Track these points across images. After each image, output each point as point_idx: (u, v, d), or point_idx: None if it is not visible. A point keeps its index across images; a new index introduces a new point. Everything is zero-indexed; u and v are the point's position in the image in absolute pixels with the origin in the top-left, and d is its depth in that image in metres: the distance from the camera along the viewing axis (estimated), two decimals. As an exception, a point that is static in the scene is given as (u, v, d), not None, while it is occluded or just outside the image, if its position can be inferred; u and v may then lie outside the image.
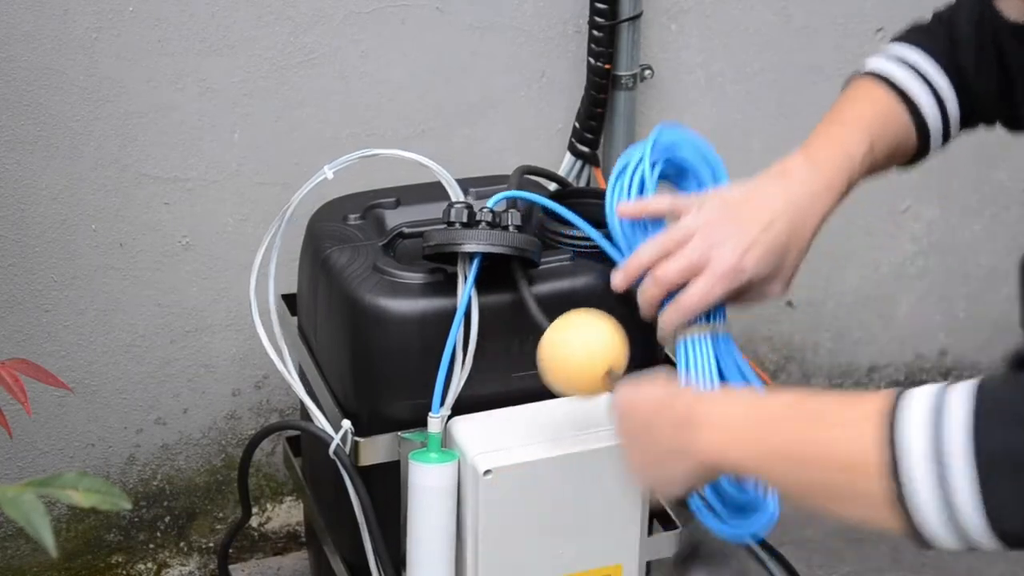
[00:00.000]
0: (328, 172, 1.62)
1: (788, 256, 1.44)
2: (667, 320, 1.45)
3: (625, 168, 1.50)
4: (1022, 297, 1.34)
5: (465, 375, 1.52)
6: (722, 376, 1.47)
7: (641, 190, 1.49)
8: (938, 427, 1.11)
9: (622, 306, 1.59)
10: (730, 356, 1.48)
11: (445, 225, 1.51)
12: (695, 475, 1.28)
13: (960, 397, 1.11)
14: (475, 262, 1.50)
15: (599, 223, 1.55)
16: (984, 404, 1.10)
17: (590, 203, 1.62)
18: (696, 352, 1.47)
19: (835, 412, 1.18)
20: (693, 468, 1.27)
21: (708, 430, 1.26)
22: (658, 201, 1.47)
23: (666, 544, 1.74)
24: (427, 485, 1.50)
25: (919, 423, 1.12)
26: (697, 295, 1.41)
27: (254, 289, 1.63)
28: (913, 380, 2.31)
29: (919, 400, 1.13)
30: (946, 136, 1.57)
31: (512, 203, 1.58)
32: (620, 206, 1.48)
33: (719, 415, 1.26)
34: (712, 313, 1.46)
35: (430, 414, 1.50)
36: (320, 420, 1.57)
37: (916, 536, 1.18)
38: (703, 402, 1.29)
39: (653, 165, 1.49)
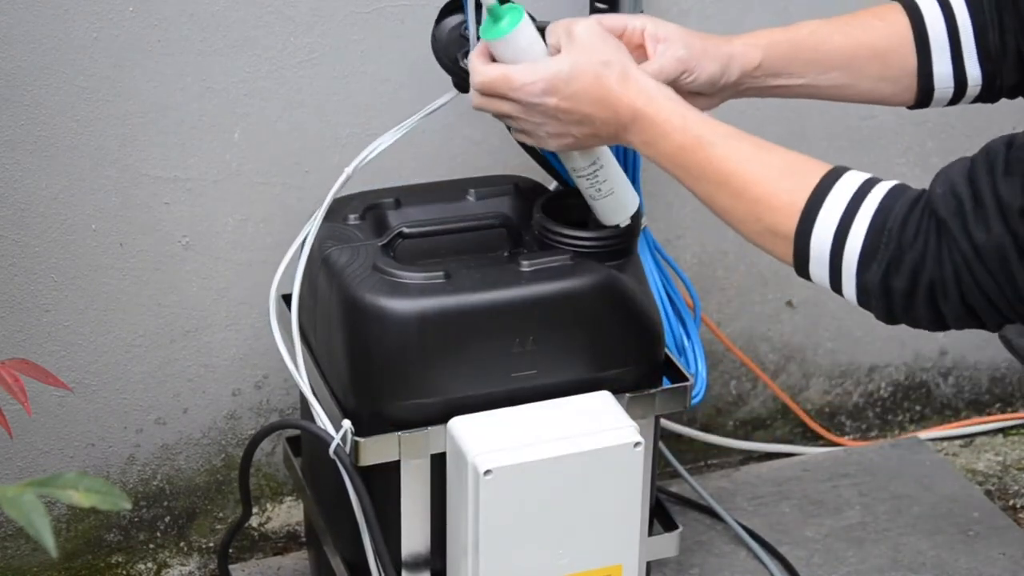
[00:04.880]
0: (349, 170, 1.63)
1: None
2: None
3: None
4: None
5: None
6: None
7: None
8: (840, 237, 1.35)
9: (620, 305, 1.60)
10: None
11: None
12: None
13: (860, 227, 1.34)
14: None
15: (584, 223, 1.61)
16: (872, 242, 1.33)
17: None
18: None
19: (764, 184, 1.40)
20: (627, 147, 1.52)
21: (643, 147, 1.46)
22: None
23: (666, 544, 1.74)
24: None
25: (828, 228, 1.35)
26: None
27: (275, 290, 1.63)
28: (913, 380, 2.31)
29: (833, 207, 1.36)
30: (959, 63, 1.58)
31: None
32: None
33: (650, 143, 1.45)
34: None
35: None
36: (322, 419, 1.57)
37: (800, 275, 1.41)
38: (639, 123, 1.46)
39: None
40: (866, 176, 1.38)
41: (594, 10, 1.92)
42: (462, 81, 1.57)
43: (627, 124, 1.47)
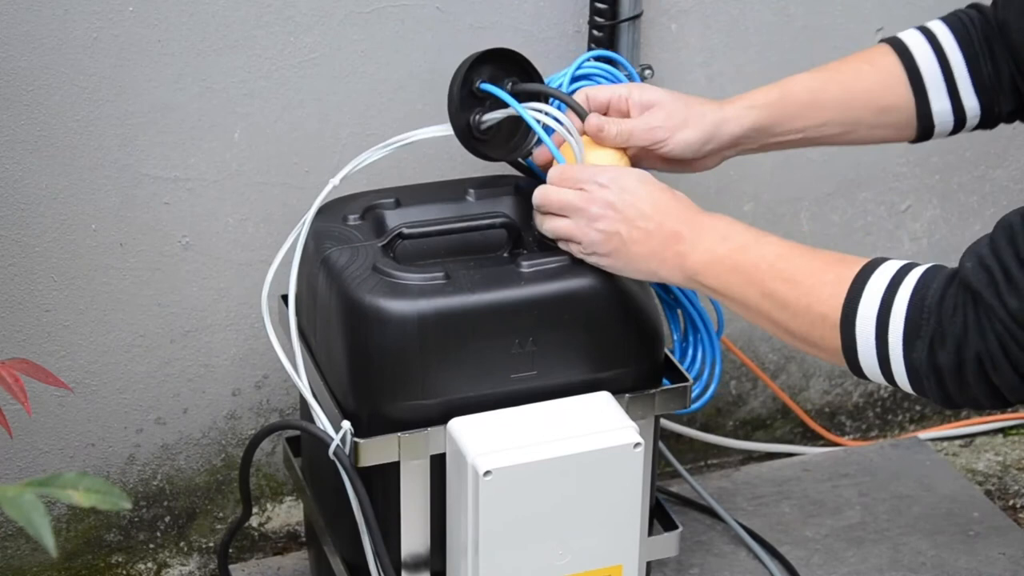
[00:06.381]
0: (371, 154, 1.66)
1: None
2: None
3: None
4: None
5: None
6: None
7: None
8: (883, 317, 1.36)
9: (620, 305, 1.60)
10: None
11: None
12: (667, 281, 1.52)
13: (901, 305, 1.35)
14: None
15: None
16: (913, 319, 1.35)
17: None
18: None
19: (813, 276, 1.42)
20: (669, 274, 1.50)
21: (694, 256, 1.48)
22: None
23: (666, 544, 1.74)
24: None
25: (871, 308, 1.37)
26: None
27: (267, 292, 1.63)
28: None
29: (875, 288, 1.37)
30: (955, 98, 1.59)
31: None
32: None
33: (706, 248, 1.47)
34: None
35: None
36: (322, 420, 1.57)
37: (852, 370, 1.42)
38: (696, 227, 1.49)
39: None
40: (904, 262, 1.40)
41: (594, 11, 1.92)
42: (463, 135, 1.63)
43: (683, 229, 1.49)
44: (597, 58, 1.74)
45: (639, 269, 1.53)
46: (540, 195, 1.58)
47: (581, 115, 1.61)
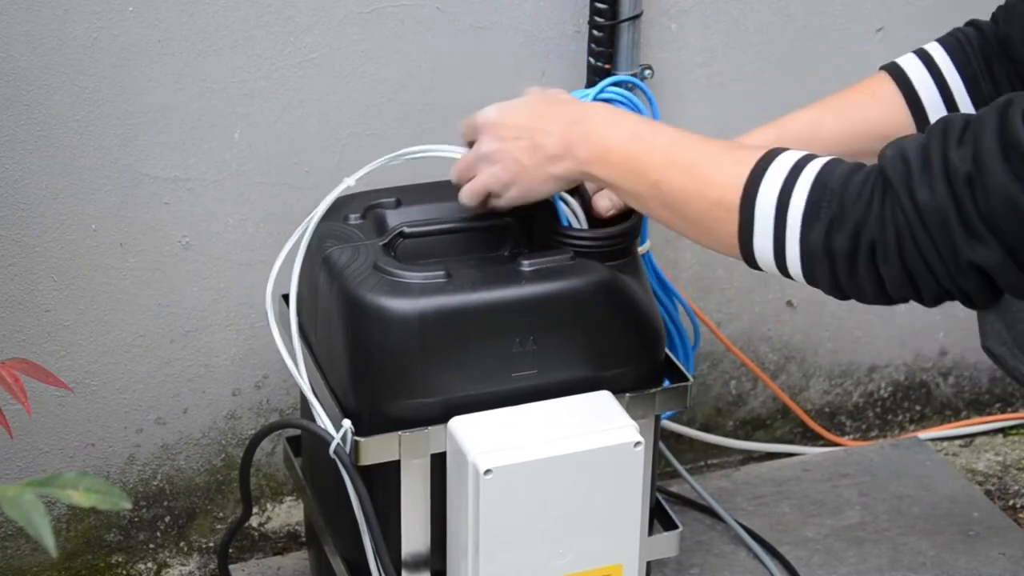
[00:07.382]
0: (375, 164, 1.66)
1: None
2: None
3: None
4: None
5: None
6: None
7: None
8: (784, 198, 1.34)
9: (620, 305, 1.60)
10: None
11: None
12: (567, 178, 1.51)
13: (804, 186, 1.33)
14: None
15: None
16: (815, 201, 1.33)
17: None
18: None
19: (709, 160, 1.40)
20: (565, 171, 1.49)
21: (584, 148, 1.46)
22: None
23: (666, 544, 1.74)
24: None
25: (772, 189, 1.35)
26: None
27: (271, 291, 1.63)
28: (913, 380, 2.31)
29: (777, 171, 1.35)
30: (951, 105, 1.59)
31: None
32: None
33: (597, 139, 1.46)
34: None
35: None
36: (323, 419, 1.57)
37: (744, 256, 1.39)
38: (583, 120, 1.48)
39: None
40: (808, 151, 1.38)
41: (594, 11, 1.92)
42: None
43: (567, 126, 1.48)
44: (617, 83, 1.74)
45: (542, 179, 1.51)
46: (453, 171, 1.59)
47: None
